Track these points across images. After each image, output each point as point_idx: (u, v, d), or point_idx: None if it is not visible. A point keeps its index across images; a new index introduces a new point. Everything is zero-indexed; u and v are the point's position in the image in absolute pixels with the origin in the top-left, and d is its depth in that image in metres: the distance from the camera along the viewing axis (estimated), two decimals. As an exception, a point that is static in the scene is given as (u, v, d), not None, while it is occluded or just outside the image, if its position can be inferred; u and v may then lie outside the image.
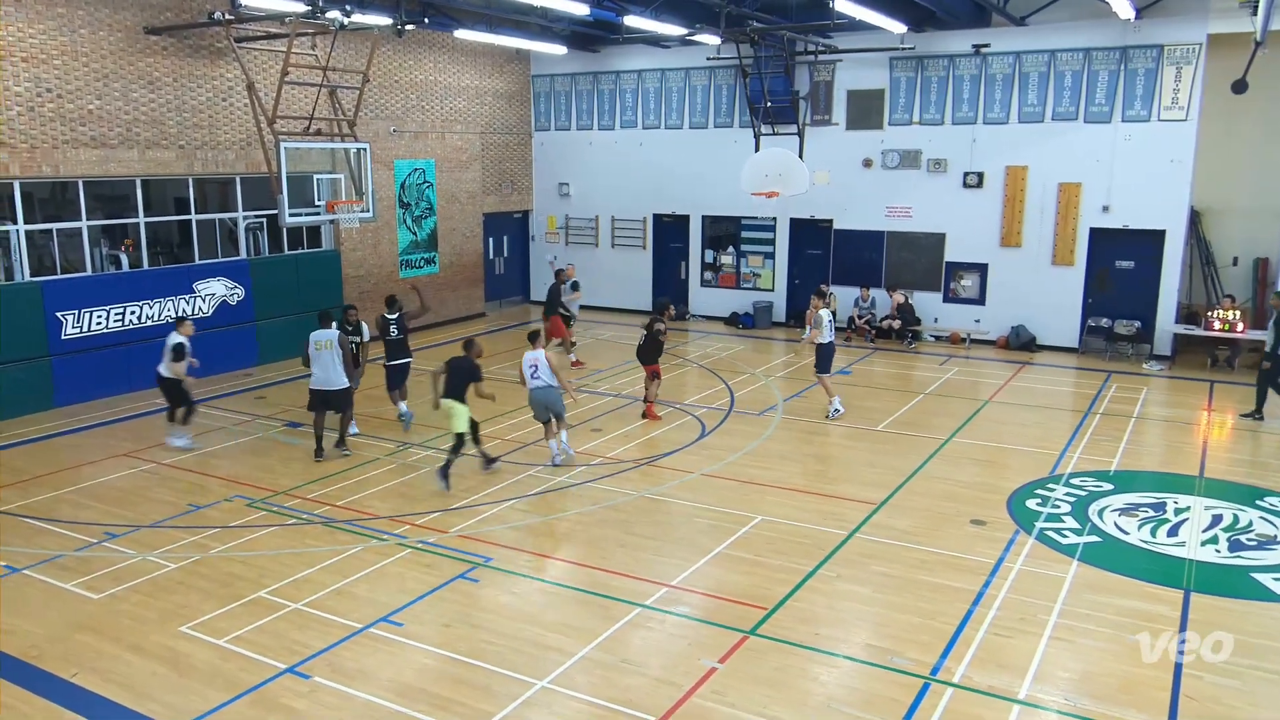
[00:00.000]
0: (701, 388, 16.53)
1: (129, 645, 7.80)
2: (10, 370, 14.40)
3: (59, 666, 7.50)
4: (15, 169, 14.25)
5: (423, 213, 21.89)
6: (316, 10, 14.38)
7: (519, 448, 12.99)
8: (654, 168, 23.39)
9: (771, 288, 22.69)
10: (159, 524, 10.31)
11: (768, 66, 20.09)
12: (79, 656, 7.65)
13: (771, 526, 10.22)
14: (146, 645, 7.80)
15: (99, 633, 8.01)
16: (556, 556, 9.61)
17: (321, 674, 7.33)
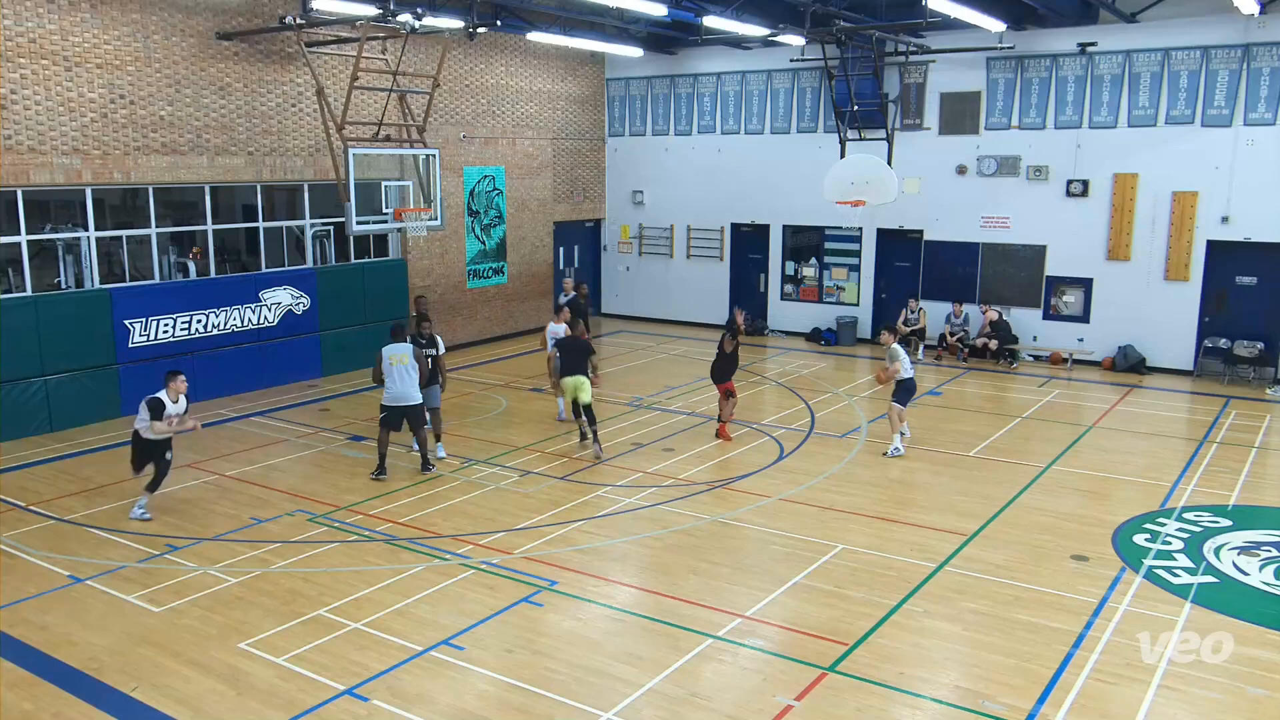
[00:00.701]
0: (780, 407, 16.42)
1: (189, 661, 8.04)
2: (79, 378, 15.01)
3: (119, 680, 7.76)
4: (88, 175, 14.90)
5: (492, 221, 22.23)
6: (387, 14, 14.76)
7: (586, 467, 13.07)
8: (733, 175, 23.38)
9: (856, 302, 22.46)
10: (220, 537, 10.62)
11: (855, 68, 19.94)
12: (139, 670, 7.90)
13: (853, 556, 10.09)
14: (206, 661, 8.03)
15: (159, 647, 8.27)
16: (624, 582, 9.62)
17: (380, 697, 7.45)
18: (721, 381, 14.29)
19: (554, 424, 15.22)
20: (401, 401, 12.54)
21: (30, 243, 14.57)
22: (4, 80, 13.85)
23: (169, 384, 11.02)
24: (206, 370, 16.50)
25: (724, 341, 14.17)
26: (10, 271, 14.53)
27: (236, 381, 16.83)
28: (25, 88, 14.08)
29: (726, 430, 14.31)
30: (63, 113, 14.51)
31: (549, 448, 13.96)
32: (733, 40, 21.44)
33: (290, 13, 15.94)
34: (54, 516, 11.29)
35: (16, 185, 14.17)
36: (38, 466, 13.17)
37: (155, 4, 15.42)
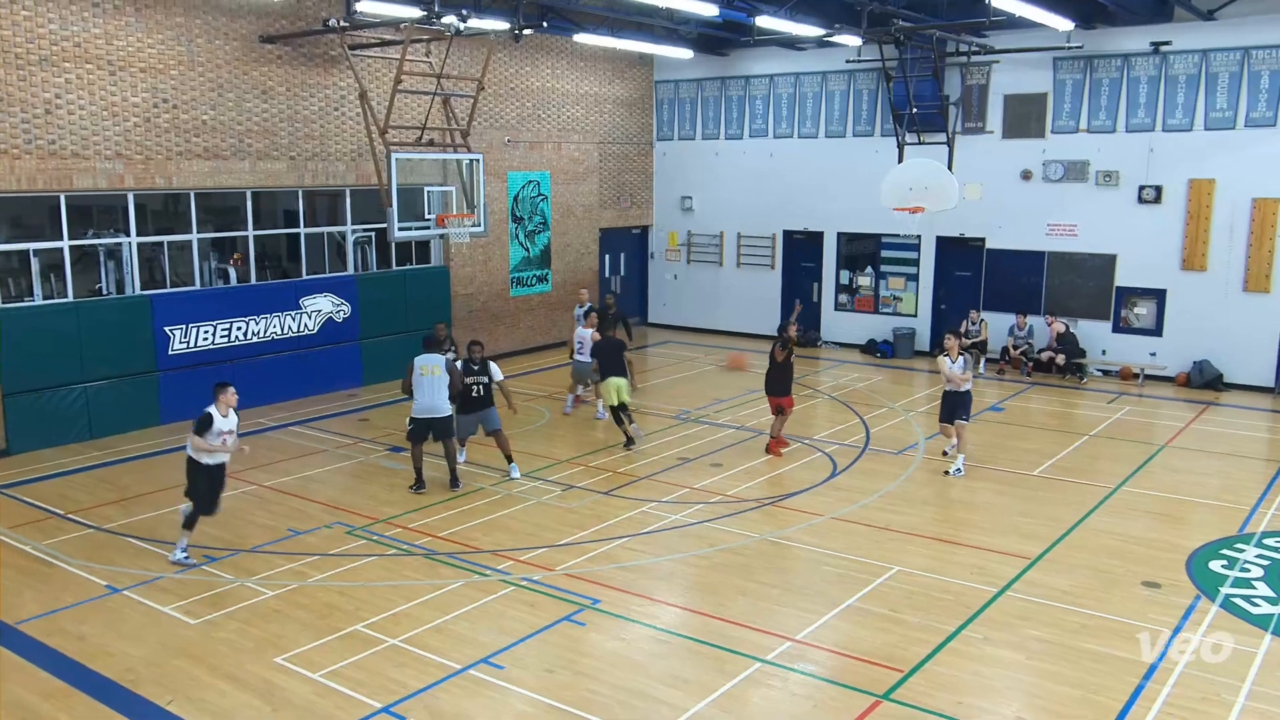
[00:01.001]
0: (833, 422, 16.31)
1: (224, 674, 8.16)
2: (119, 385, 15.34)
3: (154, 693, 7.90)
4: (130, 180, 15.25)
5: (536, 227, 22.38)
6: (432, 15, 14.94)
7: (630, 482, 13.07)
8: (785, 180, 23.33)
9: (914, 313, 22.26)
10: (258, 549, 10.78)
11: (914, 69, 19.82)
12: (174, 683, 8.03)
13: (909, 579, 9.98)
14: (242, 675, 8.14)
15: (195, 659, 8.41)
16: (669, 601, 9.60)
17: (418, 716, 7.50)
18: (779, 395, 14.10)
19: (597, 437, 15.25)
20: (431, 413, 12.56)
21: (72, 248, 14.94)
22: (49, 85, 14.24)
23: (219, 397, 10.33)
24: (246, 378, 16.68)
25: (774, 350, 14.10)
26: (52, 277, 14.91)
27: (276, 390, 17.09)
28: (70, 92, 14.46)
29: (777, 446, 14.22)
30: (106, 117, 14.88)
31: (592, 461, 13.98)
32: (786, 41, 21.41)
33: (333, 15, 16.21)
34: (92, 525, 11.53)
35: (60, 190, 14.54)
36: (77, 474, 13.48)
37: (199, 7, 15.77)
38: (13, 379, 14.18)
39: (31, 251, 14.70)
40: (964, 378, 13.39)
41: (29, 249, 14.70)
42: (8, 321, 13.98)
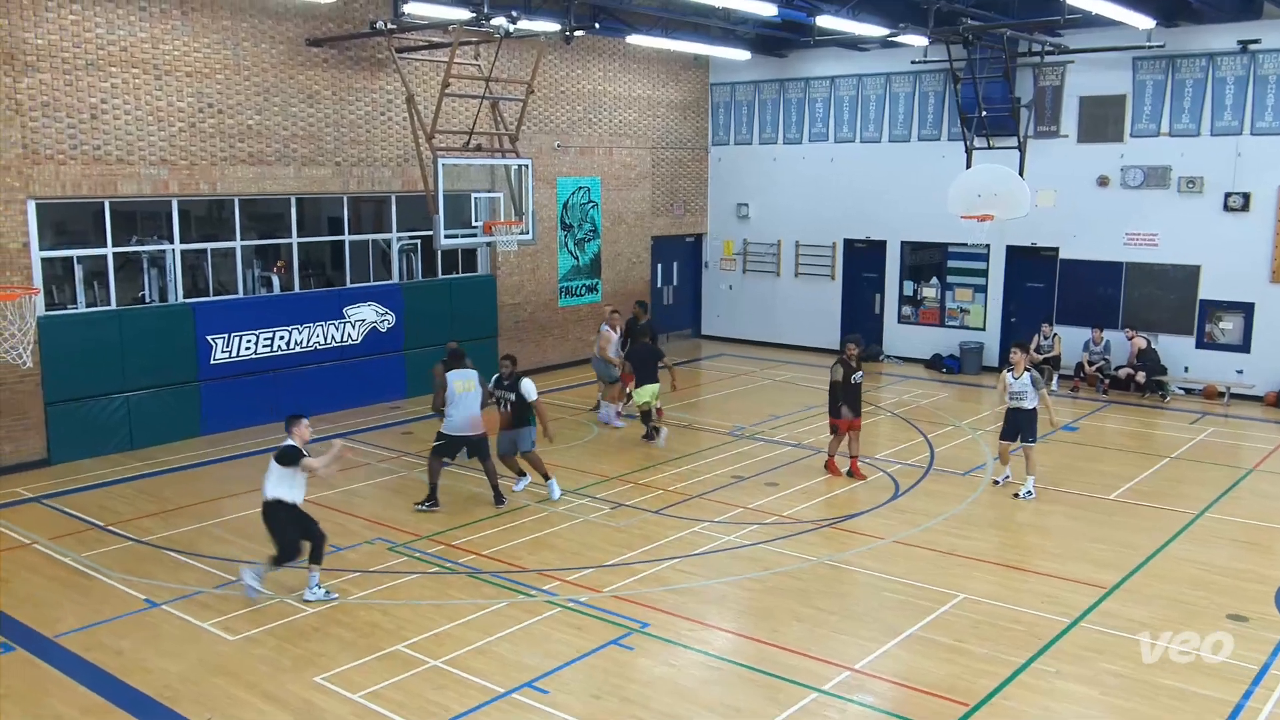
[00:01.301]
0: (895, 440, 16.17)
1: (262, 693, 8.28)
2: (161, 395, 15.68)
3: (191, 710, 8.03)
4: (174, 186, 15.61)
5: (586, 235, 22.50)
6: (481, 17, 15.12)
7: (681, 500, 13.06)
8: (846, 187, 23.22)
9: (982, 326, 22.01)
10: (299, 564, 10.92)
11: (984, 70, 19.64)
12: (212, 700, 8.17)
13: (976, 607, 9.85)
14: (280, 694, 8.25)
15: (233, 676, 8.54)
16: (721, 626, 9.57)
17: (459, 740, 7.55)
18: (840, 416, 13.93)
19: (647, 454, 15.27)
20: (467, 431, 12.66)
21: (116, 255, 15.32)
22: (95, 89, 14.63)
23: (294, 430, 9.93)
24: (288, 389, 17.04)
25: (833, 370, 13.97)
26: (95, 284, 15.29)
27: (318, 401, 17.32)
28: (115, 97, 14.85)
29: (837, 465, 14.09)
30: (151, 122, 15.25)
31: (642, 479, 14.00)
32: (848, 41, 21.35)
33: (381, 17, 16.47)
34: (132, 537, 11.78)
35: (104, 196, 14.92)
36: (117, 485, 13.78)
37: (245, 10, 16.12)
38: (55, 388, 14.55)
39: (75, 258, 15.09)
40: (1043, 399, 13.17)
41: (73, 255, 15.10)
42: (50, 329, 14.35)
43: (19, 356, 10.26)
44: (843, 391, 13.77)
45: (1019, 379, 13.24)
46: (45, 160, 14.22)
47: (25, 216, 14.11)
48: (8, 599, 10.05)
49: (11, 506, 12.90)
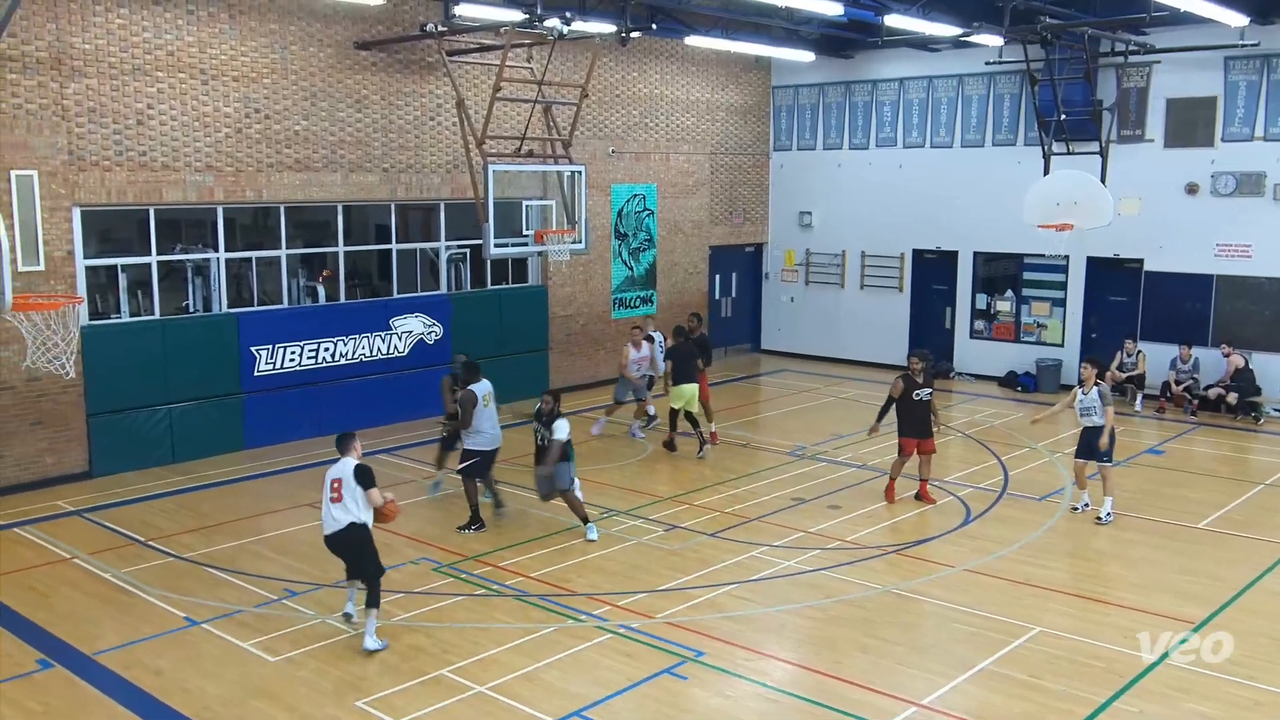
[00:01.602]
0: (967, 462, 15.98)
1: (303, 716, 8.37)
2: (203, 407, 15.97)
3: (231, 733, 8.15)
4: (220, 193, 15.93)
5: (641, 245, 22.56)
6: (534, 19, 15.26)
7: (739, 523, 13.00)
8: (916, 194, 23.05)
9: (1060, 342, 21.70)
10: (340, 584, 11.02)
11: (1063, 71, 19.42)
12: (251, 724, 8.28)
13: (1053, 641, 9.69)
14: (320, 718, 8.33)
15: (274, 699, 8.65)
16: (780, 656, 9.50)
17: (504, 771, 7.56)
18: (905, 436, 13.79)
19: (704, 473, 15.24)
20: (497, 445, 12.88)
21: (159, 263, 15.65)
22: (142, 95, 14.99)
23: (353, 448, 9.73)
24: (332, 402, 17.27)
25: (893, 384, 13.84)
26: (139, 293, 15.64)
27: (363, 415, 17.49)
28: (162, 102, 15.20)
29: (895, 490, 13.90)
30: (197, 128, 15.58)
31: (697, 500, 13.96)
32: (918, 41, 21.23)
33: (431, 20, 16.69)
34: (172, 554, 12.00)
35: (149, 203, 15.27)
36: (159, 499, 14.05)
37: (294, 13, 16.43)
38: (97, 399, 14.88)
39: (119, 267, 15.45)
40: (1107, 418, 12.99)
41: (117, 264, 15.46)
42: (93, 339, 14.68)
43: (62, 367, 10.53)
44: (905, 409, 13.64)
45: (1087, 394, 13.09)
46: (91, 167, 14.59)
47: (70, 224, 14.48)
48: (48, 615, 10.28)
49: (52, 520, 13.20)
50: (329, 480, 9.59)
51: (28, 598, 10.70)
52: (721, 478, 14.97)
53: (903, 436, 13.79)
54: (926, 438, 13.79)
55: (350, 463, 9.63)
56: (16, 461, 14.25)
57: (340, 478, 9.55)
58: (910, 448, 13.74)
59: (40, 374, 12.98)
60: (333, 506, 9.51)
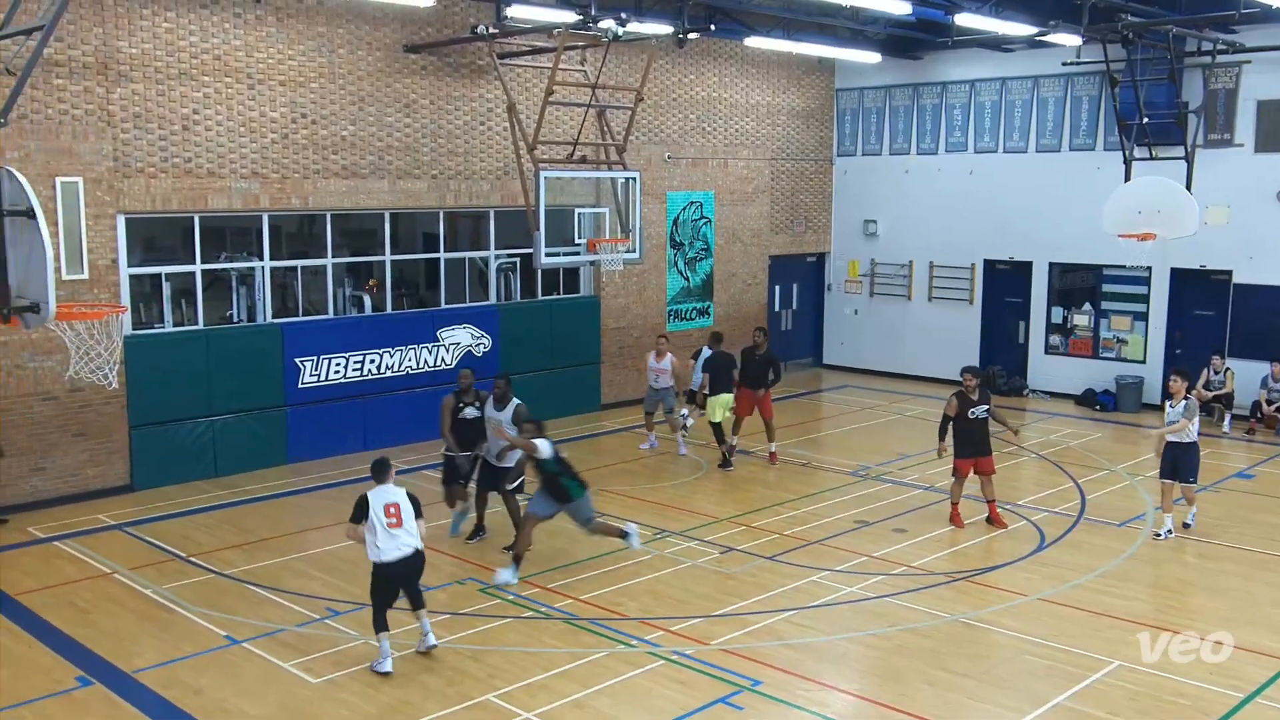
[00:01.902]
0: (1041, 485, 15.79)
1: (345, 740, 8.45)
2: (246, 420, 16.22)
3: (272, 756, 8.25)
4: (265, 201, 16.20)
5: (698, 254, 22.57)
6: (588, 20, 15.36)
7: (799, 546, 12.94)
8: (987, 201, 22.86)
9: (1142, 358, 21.38)
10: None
11: (1145, 72, 19.17)
12: (293, 747, 8.38)
13: (1134, 676, 9.53)
14: (363, 743, 8.42)
15: (315, 722, 8.75)
16: (841, 687, 9.45)
17: (552, 801, 7.57)
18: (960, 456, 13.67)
19: (763, 494, 15.19)
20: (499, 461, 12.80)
21: (204, 272, 15.95)
22: (188, 100, 15.31)
23: (392, 475, 9.88)
24: (377, 416, 17.46)
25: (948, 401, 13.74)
26: (183, 302, 15.94)
27: (408, 430, 17.67)
28: (208, 107, 15.51)
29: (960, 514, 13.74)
30: (243, 133, 15.87)
31: (755, 521, 13.92)
32: (991, 41, 21.08)
33: (483, 21, 16.86)
34: (214, 570, 12.19)
35: (194, 210, 15.58)
36: (200, 514, 14.29)
37: (342, 16, 16.70)
38: (139, 410, 15.18)
39: (163, 275, 15.77)
40: (1178, 426, 12.94)
41: (161, 273, 15.78)
42: (137, 349, 14.98)
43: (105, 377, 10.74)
44: (960, 429, 13.52)
45: (1175, 408, 13.05)
46: (135, 173, 14.92)
47: (115, 232, 14.81)
48: (88, 631, 10.49)
49: (94, 533, 13.48)
50: (383, 505, 9.61)
51: (68, 613, 10.93)
52: (781, 499, 14.90)
53: (957, 458, 13.64)
54: (984, 456, 13.65)
55: (400, 490, 9.76)
56: (59, 474, 14.58)
57: (397, 502, 9.65)
58: (965, 469, 13.61)
59: (83, 384, 13.27)
60: (394, 532, 9.56)
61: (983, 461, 13.65)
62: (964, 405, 13.53)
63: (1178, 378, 13.28)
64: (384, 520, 9.55)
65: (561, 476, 11.71)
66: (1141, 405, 20.96)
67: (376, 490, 9.71)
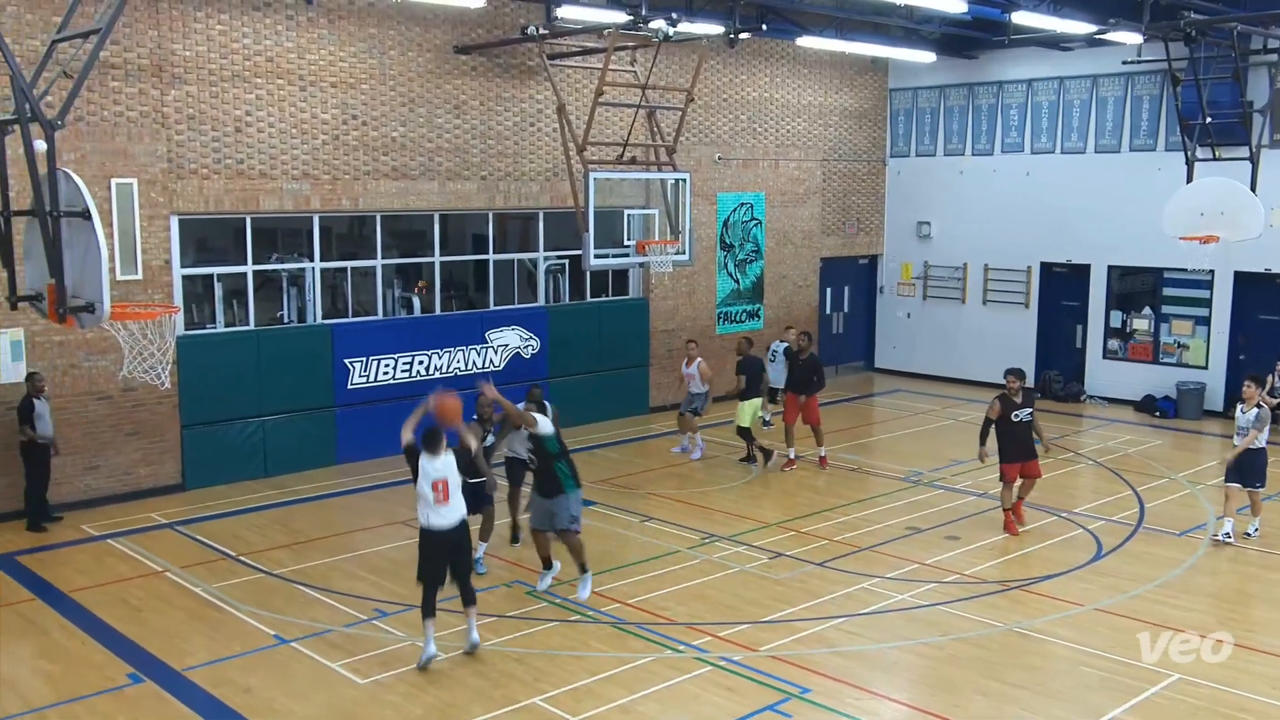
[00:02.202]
0: (1098, 493, 15.58)
1: (391, 742, 8.52)
2: (296, 420, 16.41)
3: (319, 756, 8.33)
4: (316, 202, 16.39)
5: (748, 256, 22.52)
6: (638, 20, 15.38)
7: (849, 553, 12.86)
8: (1044, 203, 22.61)
9: (1204, 364, 21.04)
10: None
11: (1209, 70, 18.86)
12: (339, 747, 8.46)
13: (1193, 690, 9.38)
14: (409, 744, 8.47)
15: (361, 723, 8.83)
16: (892, 696, 9.38)
17: (598, 807, 7.58)
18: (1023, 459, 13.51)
19: (812, 499, 15.13)
20: None
21: (255, 273, 16.16)
22: (240, 101, 15.52)
23: (439, 451, 9.96)
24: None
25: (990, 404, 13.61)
26: (234, 303, 16.16)
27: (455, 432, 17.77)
28: (260, 109, 15.71)
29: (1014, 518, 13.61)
30: (295, 135, 16.06)
31: (805, 526, 13.86)
32: (1048, 40, 20.85)
33: (533, 22, 16.94)
34: (263, 569, 12.34)
35: (246, 212, 15.79)
36: (250, 514, 14.47)
37: (393, 18, 16.85)
38: (191, 410, 15.40)
39: (215, 276, 16.00)
40: (1249, 439, 12.81)
41: (213, 273, 16.01)
42: (189, 349, 15.19)
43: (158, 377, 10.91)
44: (1004, 432, 13.37)
45: (1247, 414, 12.92)
46: (189, 175, 15.15)
47: (168, 233, 15.05)
48: (139, 629, 10.66)
49: (146, 532, 13.70)
50: (432, 481, 9.74)
51: (121, 611, 11.11)
52: (831, 504, 14.82)
53: (1004, 463, 13.48)
54: (1030, 460, 13.50)
55: (449, 459, 9.93)
56: (112, 473, 14.84)
57: (445, 479, 9.80)
58: (1013, 474, 13.45)
59: (136, 384, 13.47)
60: (442, 507, 9.74)
61: (1029, 465, 13.50)
62: (1007, 408, 13.37)
63: (1251, 383, 13.15)
64: (431, 496, 9.72)
65: (559, 461, 11.05)
66: (1203, 412, 20.63)
67: (426, 460, 9.82)
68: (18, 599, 11.47)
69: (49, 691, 9.40)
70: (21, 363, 13.84)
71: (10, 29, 13.20)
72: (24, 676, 9.75)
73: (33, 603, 11.38)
